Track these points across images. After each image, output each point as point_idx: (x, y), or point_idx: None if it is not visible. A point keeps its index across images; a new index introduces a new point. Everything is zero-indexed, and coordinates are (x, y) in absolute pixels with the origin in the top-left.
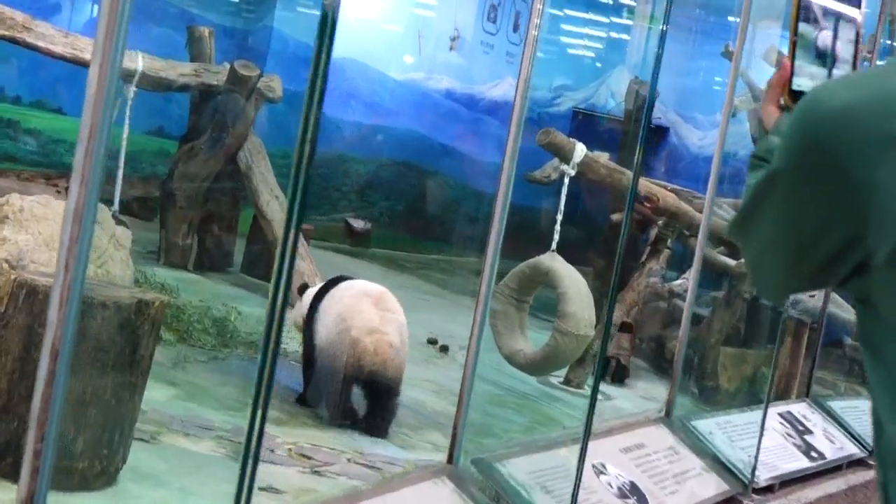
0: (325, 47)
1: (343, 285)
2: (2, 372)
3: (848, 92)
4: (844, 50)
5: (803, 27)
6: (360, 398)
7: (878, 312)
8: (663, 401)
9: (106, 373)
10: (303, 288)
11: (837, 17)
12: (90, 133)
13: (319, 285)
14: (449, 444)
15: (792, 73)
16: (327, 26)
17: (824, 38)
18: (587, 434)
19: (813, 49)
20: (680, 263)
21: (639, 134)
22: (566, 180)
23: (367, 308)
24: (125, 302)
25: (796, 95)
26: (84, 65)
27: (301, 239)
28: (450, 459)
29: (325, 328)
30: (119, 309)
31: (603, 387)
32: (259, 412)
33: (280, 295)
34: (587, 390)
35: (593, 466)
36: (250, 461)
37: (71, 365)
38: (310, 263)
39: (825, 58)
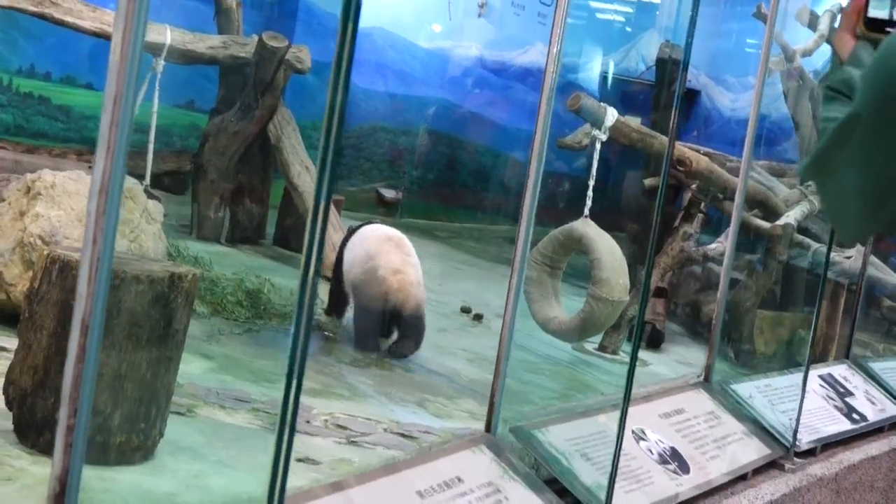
0: (351, 19)
1: (368, 228)
2: (37, 348)
3: None
4: None
5: None
6: (387, 330)
7: None
8: (700, 365)
9: (141, 347)
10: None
11: None
12: (115, 102)
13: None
14: (487, 413)
15: (868, 1)
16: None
17: None
18: (627, 400)
19: None
20: (714, 227)
21: (670, 98)
22: (597, 145)
23: (391, 250)
24: (158, 275)
25: (872, 24)
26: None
27: (332, 209)
28: (488, 428)
29: (353, 265)
30: (152, 283)
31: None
32: (294, 383)
33: (312, 265)
34: (623, 356)
35: (633, 432)
36: (286, 433)
37: (106, 340)
38: (341, 234)
39: None
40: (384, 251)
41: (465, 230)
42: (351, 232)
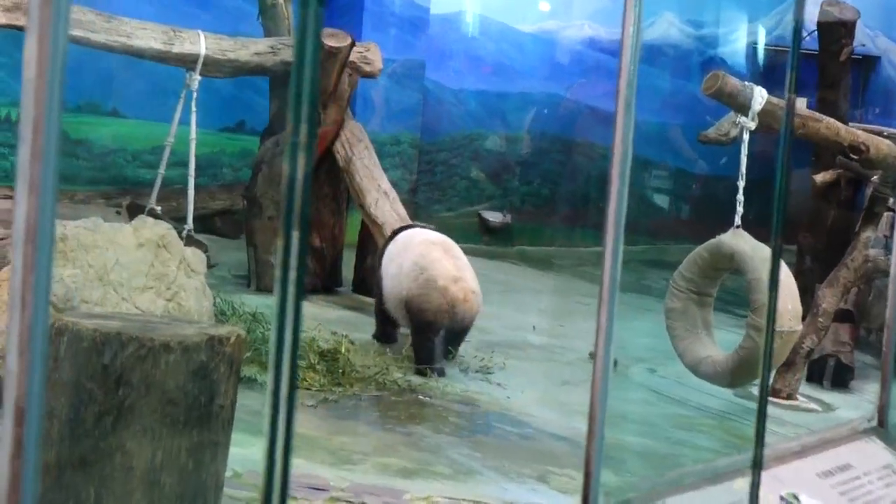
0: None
1: (405, 235)
2: (48, 440)
3: None
4: None
5: None
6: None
7: None
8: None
9: (178, 431)
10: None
11: None
12: (35, 129)
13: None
14: (583, 486)
15: None
16: None
17: None
18: (759, 457)
19: None
20: None
21: (839, 70)
22: (745, 136)
23: (441, 256)
24: (193, 341)
25: None
26: (136, 54)
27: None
28: None
29: (399, 279)
30: (186, 350)
31: (820, 394)
32: (279, 454)
33: (289, 307)
34: (802, 401)
35: (782, 499)
36: None
37: (134, 425)
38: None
39: None
40: (435, 258)
41: (591, 255)
42: (386, 243)
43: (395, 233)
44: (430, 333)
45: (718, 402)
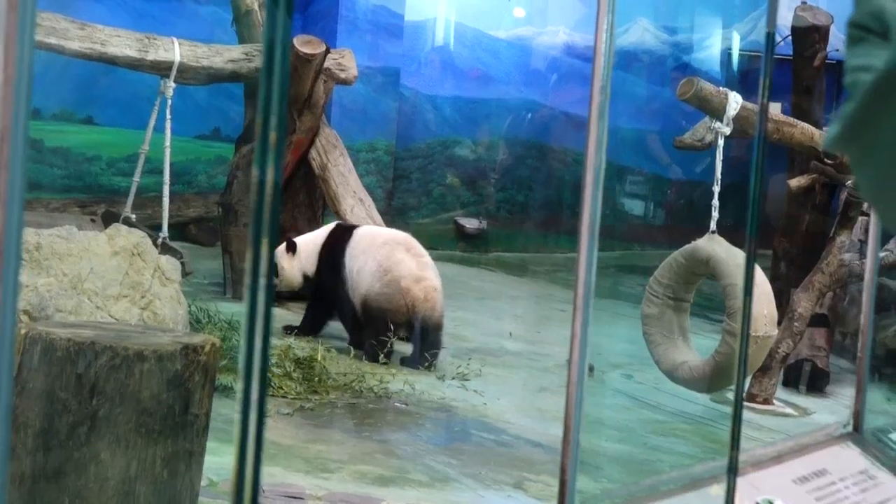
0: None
1: (364, 234)
2: (22, 451)
3: None
4: None
5: None
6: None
7: None
8: (875, 411)
9: (153, 441)
10: (292, 244)
11: None
12: (1, 135)
13: (320, 236)
14: (558, 494)
15: None
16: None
17: None
18: (734, 462)
19: None
20: (884, 231)
21: (813, 75)
22: (720, 141)
23: (405, 256)
24: (167, 349)
25: None
26: (110, 62)
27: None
28: None
29: (362, 277)
30: (161, 359)
31: (796, 398)
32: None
33: (259, 314)
34: (778, 406)
35: None
36: None
37: (108, 435)
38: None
39: None
40: (399, 259)
41: (567, 261)
42: (339, 236)
43: (345, 231)
44: (385, 329)
45: (695, 407)
